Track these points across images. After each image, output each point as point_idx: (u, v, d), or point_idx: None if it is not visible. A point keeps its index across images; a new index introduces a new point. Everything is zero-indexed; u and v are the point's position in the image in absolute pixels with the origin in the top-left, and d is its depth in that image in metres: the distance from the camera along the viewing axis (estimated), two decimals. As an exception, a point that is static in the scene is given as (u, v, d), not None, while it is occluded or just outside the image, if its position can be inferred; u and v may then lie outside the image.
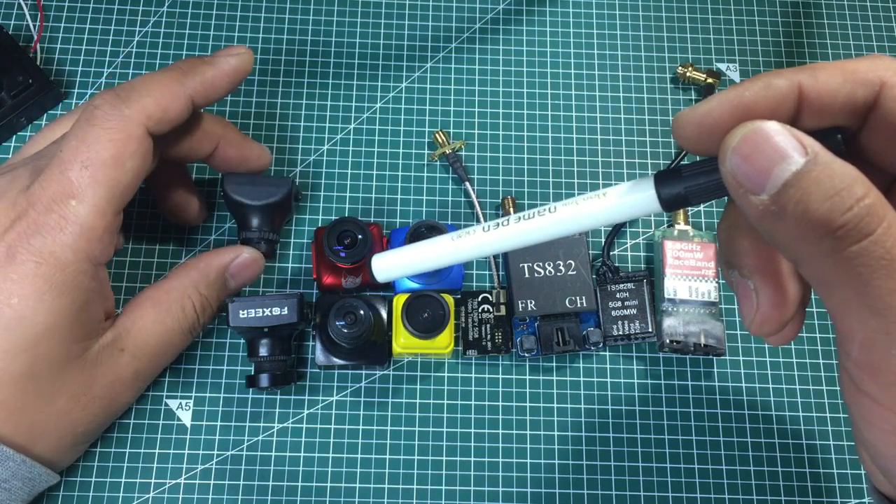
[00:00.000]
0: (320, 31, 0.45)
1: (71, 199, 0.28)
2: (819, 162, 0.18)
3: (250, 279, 0.36)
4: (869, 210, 0.17)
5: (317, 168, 0.42)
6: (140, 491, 0.36)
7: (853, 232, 0.17)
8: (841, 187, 0.17)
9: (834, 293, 0.19)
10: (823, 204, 0.17)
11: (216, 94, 0.32)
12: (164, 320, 0.32)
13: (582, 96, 0.44)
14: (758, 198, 0.18)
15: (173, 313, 0.32)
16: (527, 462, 0.37)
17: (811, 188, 0.18)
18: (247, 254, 0.35)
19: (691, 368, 0.39)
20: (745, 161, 0.19)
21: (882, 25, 0.46)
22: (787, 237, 0.19)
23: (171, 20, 0.44)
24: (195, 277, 0.33)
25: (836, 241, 0.17)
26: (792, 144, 0.18)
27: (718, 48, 0.46)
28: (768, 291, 0.22)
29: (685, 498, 0.37)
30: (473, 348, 0.38)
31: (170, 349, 0.33)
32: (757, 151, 0.18)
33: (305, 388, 0.38)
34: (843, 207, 0.17)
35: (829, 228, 0.17)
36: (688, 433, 0.38)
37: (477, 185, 0.42)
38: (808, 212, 0.18)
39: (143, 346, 0.32)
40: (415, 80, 0.44)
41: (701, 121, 0.20)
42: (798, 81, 0.19)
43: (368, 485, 0.37)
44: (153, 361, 0.33)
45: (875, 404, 0.19)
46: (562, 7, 0.46)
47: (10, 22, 0.44)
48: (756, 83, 0.20)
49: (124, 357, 0.31)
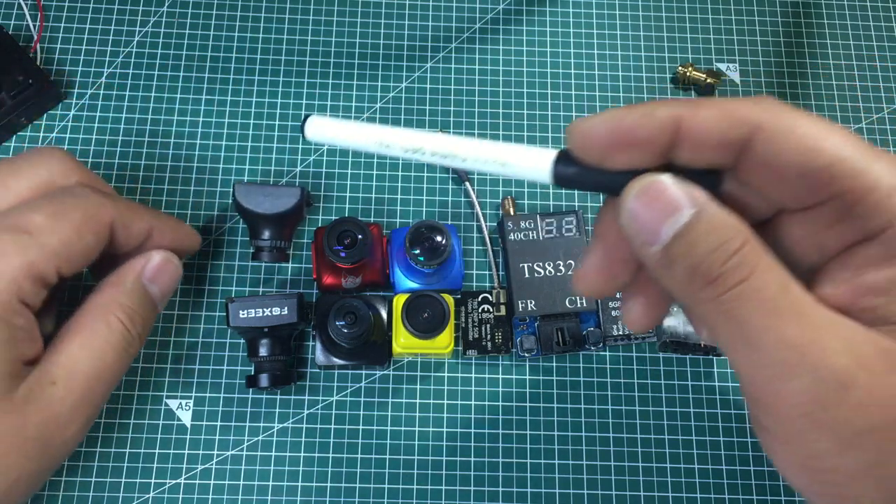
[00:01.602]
0: (320, 31, 0.45)
1: (25, 234, 0.28)
2: (703, 217, 0.20)
3: (170, 284, 0.33)
4: (743, 259, 0.19)
5: (317, 168, 0.42)
6: (140, 491, 0.36)
7: (730, 280, 0.19)
8: (721, 241, 0.20)
9: (720, 335, 0.20)
10: (706, 257, 0.20)
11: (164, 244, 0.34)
12: (91, 343, 0.30)
13: (582, 96, 0.44)
14: (652, 249, 0.20)
15: (98, 332, 0.30)
16: (527, 462, 0.37)
17: (695, 242, 0.20)
18: (157, 256, 0.33)
19: (691, 368, 0.39)
20: (639, 216, 0.21)
21: (882, 25, 0.46)
22: (677, 285, 0.21)
23: (171, 20, 0.44)
24: (111, 291, 0.31)
25: (716, 288, 0.20)
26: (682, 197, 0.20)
27: (718, 48, 0.46)
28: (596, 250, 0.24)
29: (685, 498, 0.37)
30: (473, 348, 0.38)
31: (106, 373, 0.30)
32: (650, 206, 0.20)
33: (305, 388, 0.38)
34: (723, 258, 0.19)
35: (711, 278, 0.20)
36: (688, 433, 0.38)
37: (477, 185, 0.42)
38: (693, 263, 0.20)
39: (74, 374, 0.29)
40: (415, 80, 0.44)
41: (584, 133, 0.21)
42: (678, 114, 0.21)
43: (368, 485, 0.37)
44: (90, 390, 0.30)
45: (772, 437, 0.21)
46: (562, 7, 0.46)
47: (10, 22, 0.44)
48: (637, 111, 0.21)
49: (57, 390, 0.29)
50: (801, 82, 0.45)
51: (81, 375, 0.29)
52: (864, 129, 0.44)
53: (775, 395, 0.20)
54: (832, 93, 0.45)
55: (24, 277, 0.28)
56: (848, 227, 0.20)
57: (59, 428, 0.29)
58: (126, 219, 0.32)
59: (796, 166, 0.20)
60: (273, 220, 0.36)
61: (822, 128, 0.20)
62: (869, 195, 0.19)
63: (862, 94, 0.45)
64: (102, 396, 0.31)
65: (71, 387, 0.29)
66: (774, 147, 0.20)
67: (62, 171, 0.32)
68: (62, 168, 0.32)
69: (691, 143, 0.21)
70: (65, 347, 0.29)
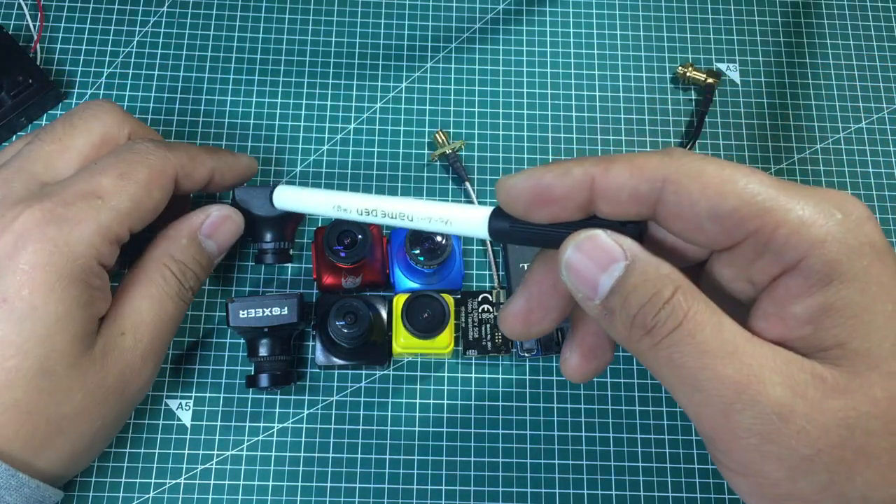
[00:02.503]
0: (320, 31, 0.45)
1: (97, 199, 0.29)
2: (635, 269, 0.21)
3: (229, 236, 0.35)
4: (675, 308, 0.20)
5: (317, 168, 0.42)
6: (140, 491, 0.36)
7: (664, 328, 0.20)
8: (653, 292, 0.21)
9: (663, 378, 0.21)
10: (641, 309, 0.21)
11: (226, 183, 0.35)
12: (150, 293, 0.32)
13: (582, 96, 0.44)
14: (593, 303, 0.22)
15: (156, 283, 0.32)
16: (527, 462, 0.37)
17: (629, 295, 0.21)
18: (216, 211, 0.34)
19: (691, 368, 0.39)
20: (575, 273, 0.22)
21: (882, 25, 0.46)
22: (618, 335, 0.22)
23: (171, 20, 0.44)
24: (165, 245, 0.33)
25: (652, 337, 0.21)
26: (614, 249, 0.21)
27: (718, 48, 0.46)
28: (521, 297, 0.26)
29: (685, 498, 0.37)
30: (473, 348, 0.38)
31: (167, 322, 0.33)
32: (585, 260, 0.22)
33: (305, 388, 0.38)
34: (654, 310, 0.20)
35: (647, 329, 0.21)
36: (688, 433, 0.38)
37: (477, 185, 0.42)
38: (629, 316, 0.21)
39: (140, 324, 0.31)
40: (415, 80, 0.44)
41: (509, 190, 0.23)
42: (592, 173, 0.22)
43: (368, 485, 0.37)
44: (156, 338, 0.32)
45: (730, 471, 0.21)
46: (562, 7, 0.46)
47: (10, 22, 0.44)
48: (555, 169, 0.22)
49: (127, 340, 0.31)
50: (801, 82, 0.45)
51: (146, 325, 0.31)
52: (864, 128, 0.44)
53: (722, 432, 0.20)
54: (832, 93, 0.45)
55: (102, 241, 0.29)
56: (768, 261, 0.21)
57: (134, 375, 0.31)
58: (188, 168, 0.33)
59: (706, 211, 0.21)
60: (275, 221, 0.36)
61: (728, 172, 0.21)
62: (779, 230, 0.20)
63: (862, 94, 0.45)
64: (166, 343, 0.33)
65: (139, 336, 0.31)
66: (683, 197, 0.21)
67: (116, 123, 0.33)
68: (115, 119, 0.33)
69: (606, 199, 0.22)
70: (129, 299, 0.31)
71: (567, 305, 0.25)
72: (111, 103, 0.34)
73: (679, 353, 0.20)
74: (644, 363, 0.22)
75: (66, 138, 0.32)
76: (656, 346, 0.21)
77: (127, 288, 0.32)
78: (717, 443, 0.21)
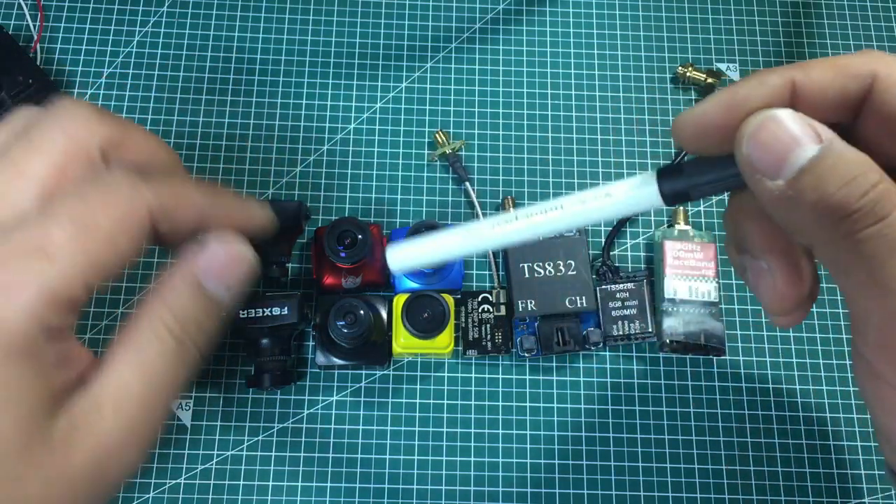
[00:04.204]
0: (320, 31, 0.45)
1: (44, 256, 0.24)
2: (834, 149, 0.19)
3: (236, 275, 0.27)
4: (883, 195, 0.18)
5: (317, 168, 0.42)
6: (140, 491, 0.36)
7: (868, 216, 0.18)
8: (856, 173, 0.18)
9: (849, 276, 0.19)
10: (839, 189, 0.18)
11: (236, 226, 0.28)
12: (140, 359, 0.26)
13: (582, 96, 0.44)
14: (774, 183, 0.19)
15: (148, 346, 0.26)
16: (527, 462, 0.37)
17: (827, 174, 0.18)
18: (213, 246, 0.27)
19: (691, 368, 0.39)
20: (762, 147, 0.19)
21: (882, 25, 0.46)
22: (803, 222, 0.19)
23: (171, 20, 0.44)
24: (160, 295, 0.27)
25: (851, 224, 0.18)
26: (807, 131, 0.19)
27: (718, 48, 0.46)
28: (783, 269, 0.23)
29: (685, 498, 0.37)
30: (473, 348, 0.38)
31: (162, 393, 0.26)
32: (773, 138, 0.19)
33: (305, 388, 0.38)
34: (858, 193, 0.18)
35: (845, 213, 0.18)
36: (688, 433, 0.38)
37: (477, 185, 0.42)
38: (823, 197, 0.18)
39: (124, 397, 0.25)
40: (415, 80, 0.44)
41: (698, 121, 0.21)
42: (791, 77, 0.20)
43: (368, 485, 0.37)
44: (143, 412, 0.26)
45: (892, 389, 0.20)
46: (562, 7, 0.46)
47: (10, 22, 0.44)
48: (749, 81, 0.20)
49: (104, 418, 0.25)
50: (801, 82, 0.45)
51: (133, 398, 0.26)
52: (864, 129, 0.44)
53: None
54: (832, 93, 0.45)
55: (47, 308, 0.24)
56: None
57: (111, 458, 0.25)
58: (169, 208, 0.26)
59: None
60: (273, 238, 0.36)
61: None
62: None
63: (862, 94, 0.45)
64: (160, 418, 0.27)
65: (121, 412, 0.25)
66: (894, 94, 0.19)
67: (85, 133, 0.26)
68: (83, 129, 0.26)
69: (808, 104, 0.20)
70: (113, 367, 0.25)
71: None
72: (80, 105, 0.27)
73: (882, 250, 0.18)
74: (826, 255, 0.20)
75: (21, 161, 0.25)
76: (854, 237, 0.18)
77: (113, 352, 0.26)
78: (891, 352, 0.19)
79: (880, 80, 0.20)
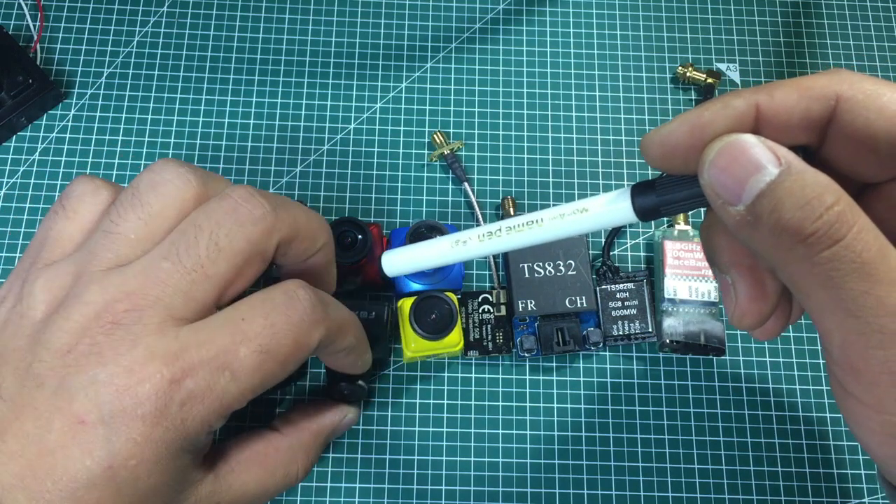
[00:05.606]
0: (320, 31, 0.45)
1: (227, 372, 0.25)
2: (792, 172, 0.19)
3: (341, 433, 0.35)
4: (839, 217, 0.18)
5: (317, 168, 0.42)
6: (140, 491, 0.36)
7: (824, 238, 0.18)
8: (812, 196, 0.18)
9: (810, 297, 0.19)
10: (795, 213, 0.18)
11: None
12: (266, 481, 0.30)
13: (582, 96, 0.44)
14: (735, 208, 0.19)
15: (277, 476, 0.30)
16: (527, 462, 0.37)
17: (784, 198, 0.19)
18: (351, 415, 0.35)
19: (691, 368, 0.39)
20: (722, 173, 0.20)
21: (882, 25, 0.46)
22: (763, 245, 0.19)
23: (171, 20, 0.44)
24: (307, 440, 0.32)
25: (808, 247, 0.18)
26: (766, 156, 0.19)
27: (718, 48, 0.46)
28: (745, 285, 0.23)
29: (685, 498, 0.37)
30: (475, 349, 0.38)
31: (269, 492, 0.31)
32: (733, 164, 0.19)
33: (305, 388, 0.38)
34: (813, 216, 0.18)
35: (801, 236, 0.18)
36: (688, 433, 0.38)
37: (477, 185, 0.42)
38: (780, 220, 0.19)
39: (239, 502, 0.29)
40: (415, 80, 0.44)
41: (664, 140, 0.21)
42: (755, 101, 0.20)
43: (368, 485, 0.37)
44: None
45: (860, 404, 0.20)
46: (562, 7, 0.46)
47: (10, 22, 0.44)
48: (715, 104, 0.21)
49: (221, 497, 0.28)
50: (801, 82, 0.45)
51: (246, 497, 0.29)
52: (864, 129, 0.44)
53: (869, 362, 0.19)
54: (832, 93, 0.45)
55: (217, 419, 0.26)
56: None
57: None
58: (331, 337, 0.28)
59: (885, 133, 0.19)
60: None
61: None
62: None
63: (862, 94, 0.45)
64: None
65: None
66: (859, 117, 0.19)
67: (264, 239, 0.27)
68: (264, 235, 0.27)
69: (773, 127, 0.20)
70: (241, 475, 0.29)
71: None
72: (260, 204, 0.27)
73: (839, 272, 0.18)
74: (786, 277, 0.20)
75: (208, 264, 0.26)
76: (811, 260, 0.18)
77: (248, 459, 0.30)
78: (862, 374, 0.19)
79: (843, 100, 0.20)
